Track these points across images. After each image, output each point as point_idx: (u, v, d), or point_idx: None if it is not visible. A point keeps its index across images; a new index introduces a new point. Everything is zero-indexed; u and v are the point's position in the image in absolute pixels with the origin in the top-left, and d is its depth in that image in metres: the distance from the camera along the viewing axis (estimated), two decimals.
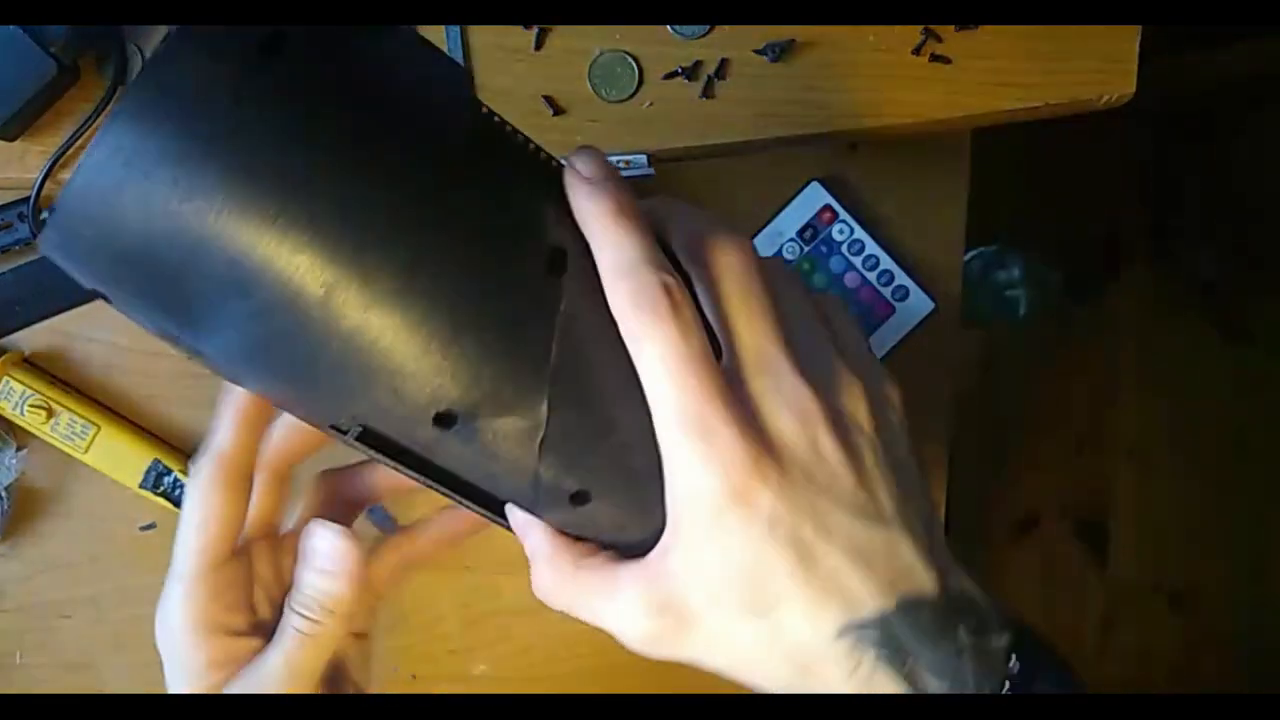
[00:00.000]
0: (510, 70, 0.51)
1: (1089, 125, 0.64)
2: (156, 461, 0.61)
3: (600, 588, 0.32)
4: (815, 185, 0.63)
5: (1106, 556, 1.52)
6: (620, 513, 0.33)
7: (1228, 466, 1.54)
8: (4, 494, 0.62)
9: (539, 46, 0.50)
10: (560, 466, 0.31)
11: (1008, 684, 0.32)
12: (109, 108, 0.50)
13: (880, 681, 0.31)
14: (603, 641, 0.33)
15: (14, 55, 0.48)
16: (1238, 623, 1.53)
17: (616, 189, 0.30)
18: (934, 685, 0.31)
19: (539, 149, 0.31)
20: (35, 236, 0.56)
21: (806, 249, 0.63)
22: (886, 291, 0.63)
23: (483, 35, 0.50)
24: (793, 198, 0.63)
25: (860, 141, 0.63)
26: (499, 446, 0.30)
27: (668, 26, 0.51)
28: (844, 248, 0.63)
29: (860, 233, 0.63)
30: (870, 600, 0.31)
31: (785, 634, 0.31)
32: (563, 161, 0.31)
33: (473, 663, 0.67)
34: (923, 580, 0.32)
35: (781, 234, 0.63)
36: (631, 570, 0.32)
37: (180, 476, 0.61)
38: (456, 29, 0.50)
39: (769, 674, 0.32)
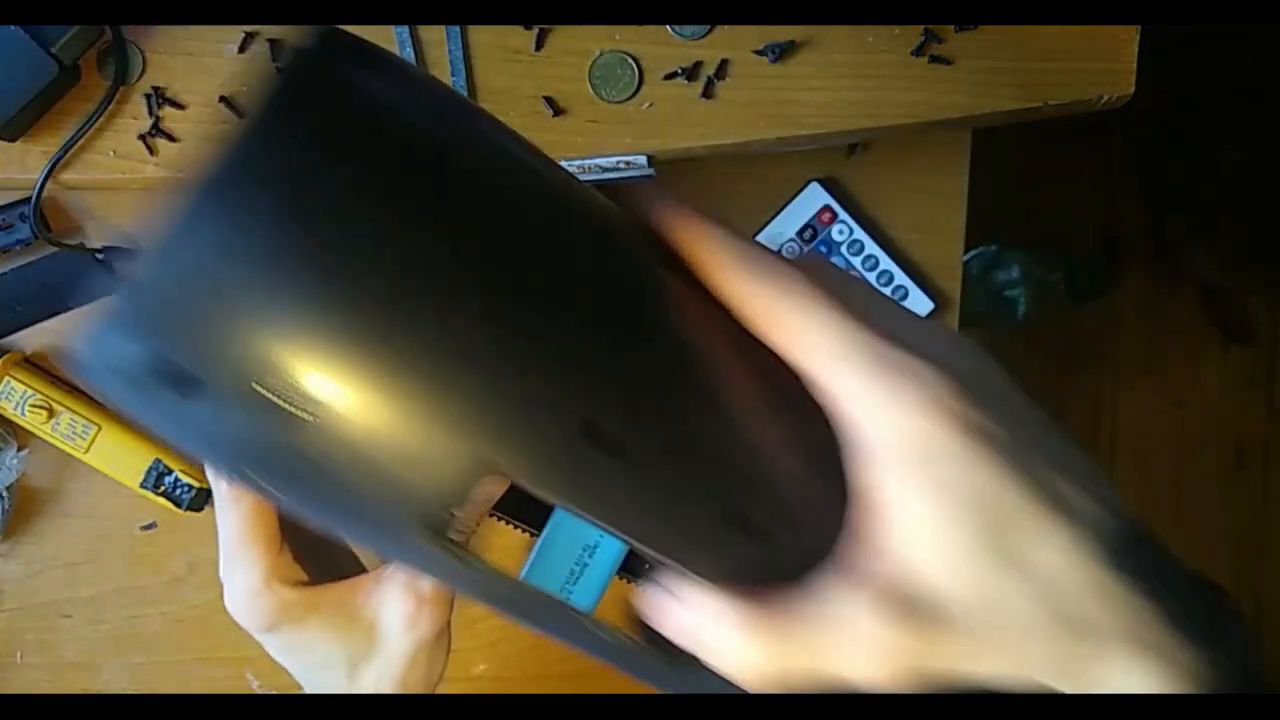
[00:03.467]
0: (510, 70, 0.51)
1: (1089, 125, 0.65)
2: (157, 461, 0.61)
3: (810, 620, 0.26)
4: (815, 185, 0.63)
5: None
6: (789, 531, 0.27)
7: (1228, 467, 1.54)
8: (4, 494, 0.62)
9: (539, 47, 0.50)
10: (721, 478, 0.27)
11: (1242, 631, 0.29)
12: (109, 108, 0.50)
13: (1150, 625, 0.26)
14: None
15: (15, 56, 0.48)
16: None
17: (699, 211, 0.29)
18: (1187, 629, 0.27)
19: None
20: (36, 237, 0.56)
21: (806, 249, 0.63)
22: (886, 292, 0.63)
23: (483, 35, 0.50)
24: (792, 198, 0.63)
25: (860, 142, 0.63)
26: (654, 460, 0.26)
27: (667, 27, 0.51)
28: (843, 248, 0.63)
29: (860, 233, 0.63)
30: (1112, 528, 0.27)
31: (1047, 581, 0.25)
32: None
33: (473, 663, 0.67)
34: (1129, 511, 0.28)
35: (781, 234, 0.63)
36: (831, 581, 0.26)
37: (181, 476, 0.61)
38: (456, 29, 0.50)
39: (1042, 653, 0.26)
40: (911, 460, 0.25)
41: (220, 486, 0.40)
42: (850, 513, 0.27)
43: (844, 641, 0.26)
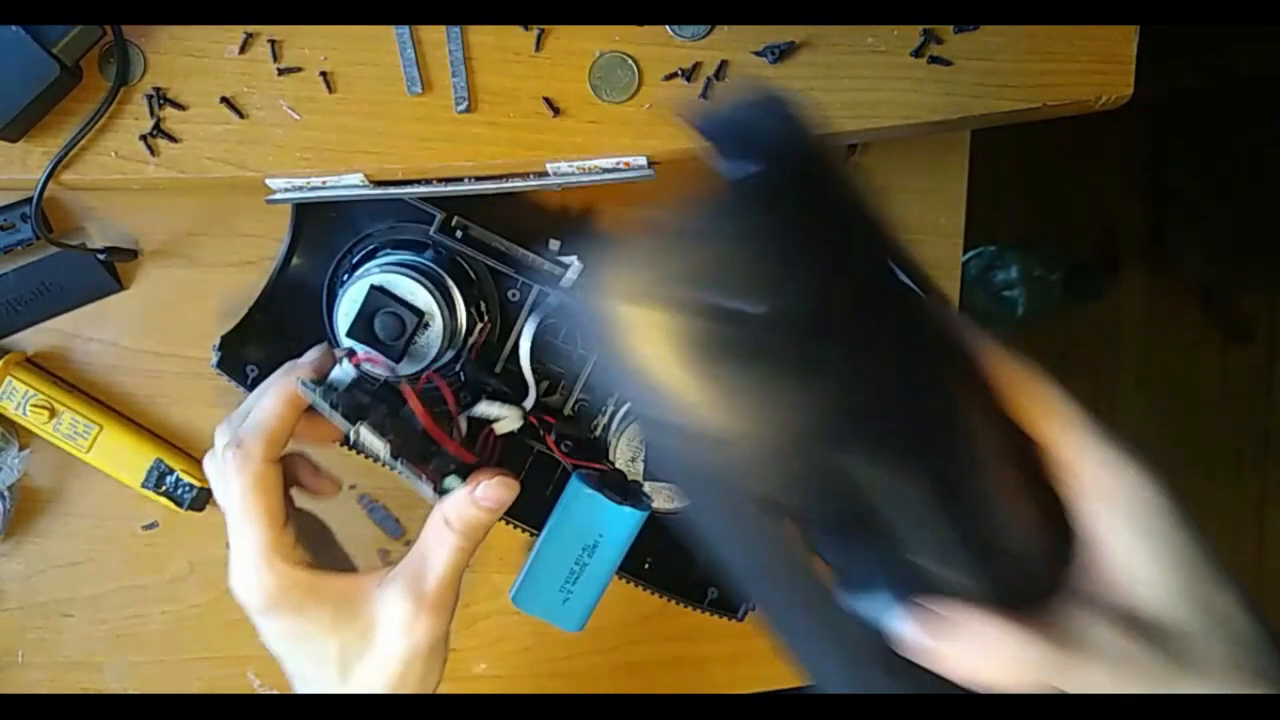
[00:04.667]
0: (510, 71, 0.51)
1: (1088, 125, 0.65)
2: (159, 461, 0.61)
3: (1059, 634, 0.33)
4: None
5: None
6: (1019, 559, 0.34)
7: (1228, 466, 1.54)
8: (6, 493, 0.62)
9: (539, 47, 0.51)
10: (978, 508, 0.34)
11: None
12: (110, 109, 0.50)
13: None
14: (602, 641, 0.33)
15: (16, 56, 0.48)
16: None
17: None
18: None
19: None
20: (37, 237, 0.56)
21: None
22: None
23: (483, 35, 0.51)
24: None
25: (860, 142, 0.64)
26: (934, 490, 0.33)
27: (667, 28, 0.51)
28: None
29: None
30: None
31: (1227, 623, 0.33)
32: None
33: (473, 662, 0.67)
34: None
35: None
36: (1070, 607, 0.34)
37: (182, 476, 0.61)
38: (457, 29, 0.50)
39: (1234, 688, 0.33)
40: (1138, 516, 0.34)
41: (228, 455, 0.41)
42: (1080, 552, 0.34)
43: (1087, 651, 0.32)
